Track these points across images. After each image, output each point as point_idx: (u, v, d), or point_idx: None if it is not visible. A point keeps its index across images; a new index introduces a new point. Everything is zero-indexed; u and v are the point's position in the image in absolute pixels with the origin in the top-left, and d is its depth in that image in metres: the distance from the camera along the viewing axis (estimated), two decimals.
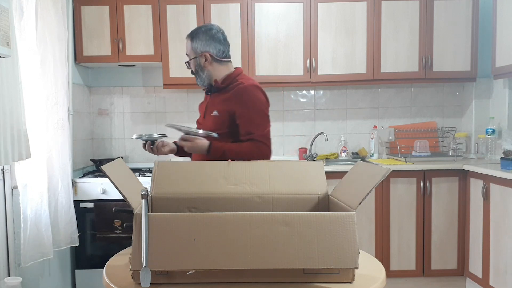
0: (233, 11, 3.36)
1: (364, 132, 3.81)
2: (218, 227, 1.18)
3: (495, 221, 2.87)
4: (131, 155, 3.78)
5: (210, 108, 2.07)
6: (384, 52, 3.41)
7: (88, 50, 3.35)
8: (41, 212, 2.51)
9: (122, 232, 3.01)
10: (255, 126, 1.98)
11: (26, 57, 2.39)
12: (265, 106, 2.04)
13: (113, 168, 1.32)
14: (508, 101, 3.41)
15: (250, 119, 1.98)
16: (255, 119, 1.99)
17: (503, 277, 2.80)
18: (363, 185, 1.29)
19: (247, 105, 1.98)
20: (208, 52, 2.05)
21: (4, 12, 1.86)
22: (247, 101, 1.98)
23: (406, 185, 3.21)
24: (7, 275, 2.40)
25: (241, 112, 1.97)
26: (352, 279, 1.23)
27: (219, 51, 2.07)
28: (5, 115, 2.06)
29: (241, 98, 1.98)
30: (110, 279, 1.28)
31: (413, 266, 3.25)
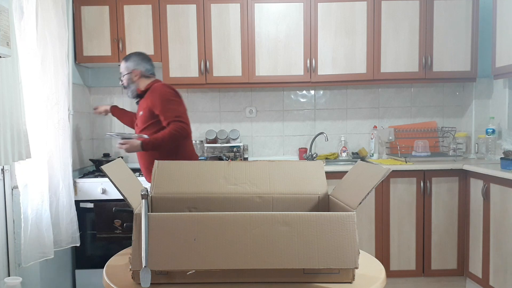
0: (233, 11, 3.36)
1: (364, 132, 3.81)
2: (218, 227, 1.18)
3: (495, 221, 2.87)
4: (131, 155, 3.77)
5: (138, 111, 2.72)
6: (384, 52, 3.42)
7: (88, 50, 3.35)
8: (42, 212, 2.51)
9: (122, 232, 3.01)
10: (168, 110, 2.54)
11: (26, 57, 2.39)
12: (172, 94, 2.60)
13: (113, 168, 1.32)
14: (508, 101, 3.41)
15: (163, 107, 2.55)
16: (166, 106, 2.55)
17: (503, 277, 2.80)
18: (363, 185, 1.29)
19: (158, 98, 2.57)
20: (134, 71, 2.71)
21: (4, 12, 1.86)
22: (157, 96, 2.58)
23: (406, 185, 3.21)
24: (7, 275, 2.40)
25: (155, 105, 2.57)
26: (352, 279, 1.23)
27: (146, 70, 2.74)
28: (5, 115, 2.06)
29: (153, 95, 2.60)
30: (110, 279, 1.29)
31: (413, 266, 3.25)
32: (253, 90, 3.77)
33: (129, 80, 2.72)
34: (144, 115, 2.63)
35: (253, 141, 3.80)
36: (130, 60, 2.74)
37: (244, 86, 3.47)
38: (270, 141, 3.82)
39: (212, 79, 3.38)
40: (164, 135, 2.49)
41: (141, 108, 2.68)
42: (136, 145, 2.49)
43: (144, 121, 2.63)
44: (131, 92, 2.75)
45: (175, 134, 2.49)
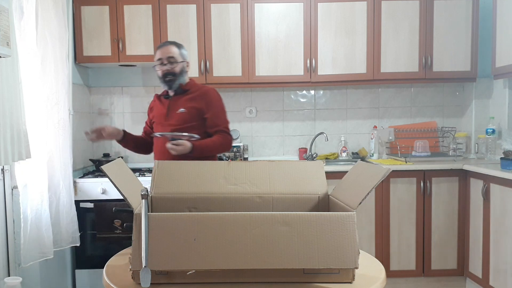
0: (233, 11, 3.36)
1: (364, 132, 3.81)
2: (218, 227, 1.18)
3: (495, 221, 2.87)
4: (131, 155, 3.77)
5: (173, 108, 2.43)
6: (384, 52, 3.41)
7: (88, 50, 3.35)
8: (41, 212, 2.51)
9: (122, 232, 3.01)
10: (220, 119, 2.44)
11: (26, 57, 2.39)
12: (223, 104, 2.49)
13: (113, 168, 1.32)
14: (508, 101, 3.41)
15: (215, 114, 2.42)
16: (219, 114, 2.44)
17: (503, 277, 2.80)
18: (363, 185, 1.29)
19: (212, 102, 2.42)
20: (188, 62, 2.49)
21: (4, 12, 1.86)
22: (212, 99, 2.43)
23: (406, 185, 3.21)
24: (7, 275, 2.40)
25: (208, 109, 2.40)
26: (352, 279, 1.23)
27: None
28: (5, 115, 2.06)
29: (207, 97, 2.42)
30: (110, 279, 1.29)
31: (413, 266, 3.25)
32: (253, 90, 3.77)
33: (182, 69, 2.43)
34: (188, 114, 2.39)
35: (253, 141, 3.80)
36: (183, 48, 2.48)
37: (244, 86, 3.47)
38: (270, 141, 3.82)
39: (212, 79, 3.38)
40: (215, 144, 2.36)
41: (181, 106, 2.41)
42: (187, 148, 2.25)
43: (185, 120, 2.39)
44: (176, 83, 2.42)
45: (224, 146, 2.39)
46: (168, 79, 2.40)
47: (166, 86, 2.43)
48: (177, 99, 2.44)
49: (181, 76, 2.42)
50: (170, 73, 2.39)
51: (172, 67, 2.39)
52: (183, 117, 2.39)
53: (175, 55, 2.41)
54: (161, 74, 2.41)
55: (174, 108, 2.42)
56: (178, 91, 2.45)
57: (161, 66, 2.40)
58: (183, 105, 2.41)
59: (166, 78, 2.40)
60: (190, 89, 2.45)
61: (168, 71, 2.39)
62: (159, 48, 2.44)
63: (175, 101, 2.45)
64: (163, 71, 2.40)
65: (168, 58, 2.39)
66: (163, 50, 2.41)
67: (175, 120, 2.40)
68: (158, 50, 2.45)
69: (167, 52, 2.40)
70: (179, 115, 2.40)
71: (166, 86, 2.43)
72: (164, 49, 2.41)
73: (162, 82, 2.43)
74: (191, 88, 2.46)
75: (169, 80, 2.40)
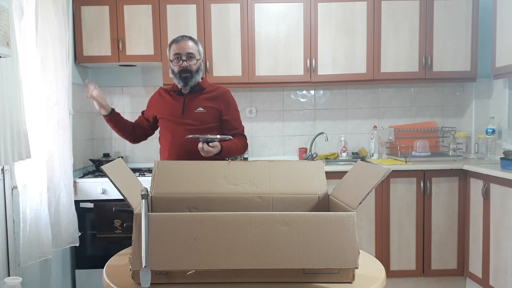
0: (233, 11, 3.36)
1: (364, 132, 3.81)
2: (218, 227, 1.18)
3: (495, 221, 2.87)
4: (131, 155, 3.78)
5: (190, 106, 2.32)
6: (384, 52, 3.41)
7: (88, 50, 3.35)
8: (40, 212, 2.51)
9: (122, 232, 3.01)
10: (238, 122, 2.40)
11: (26, 57, 2.39)
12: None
13: (113, 168, 1.32)
14: (508, 101, 3.41)
15: (234, 117, 2.38)
16: (237, 117, 2.41)
17: (503, 277, 2.80)
18: (363, 185, 1.29)
19: (230, 105, 2.37)
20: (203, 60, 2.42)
21: (4, 12, 1.86)
22: (230, 101, 2.38)
23: (406, 185, 3.21)
24: (7, 275, 2.40)
25: (227, 110, 2.35)
26: (352, 279, 1.23)
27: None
28: (5, 115, 2.06)
29: (226, 98, 2.37)
30: (110, 279, 1.28)
31: (413, 266, 3.25)
32: (253, 90, 3.77)
33: (199, 67, 2.33)
34: (207, 115, 2.30)
35: (253, 141, 3.80)
36: (199, 44, 2.37)
37: (244, 86, 3.47)
38: (270, 141, 3.82)
39: (212, 79, 3.37)
40: (237, 147, 2.30)
41: (199, 105, 2.31)
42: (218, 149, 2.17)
43: (204, 121, 2.30)
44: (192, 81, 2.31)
45: (244, 149, 2.35)
46: (185, 76, 2.28)
47: (181, 83, 2.31)
48: (193, 97, 2.33)
49: (197, 74, 2.32)
50: (187, 70, 2.28)
51: (191, 64, 2.28)
52: (201, 117, 2.30)
53: (194, 52, 2.30)
54: (177, 70, 2.29)
55: (190, 107, 2.31)
56: (195, 89, 2.34)
57: (178, 61, 2.28)
58: (201, 104, 2.31)
59: (183, 74, 2.28)
60: (206, 88, 2.36)
61: (186, 67, 2.27)
62: (177, 42, 2.30)
63: (191, 99, 2.33)
64: (181, 67, 2.27)
65: (187, 54, 2.27)
66: (181, 45, 2.29)
67: (192, 119, 2.30)
68: (175, 44, 2.31)
69: (187, 47, 2.28)
70: (197, 114, 2.29)
71: (181, 83, 2.31)
72: (183, 44, 2.29)
73: (177, 78, 2.30)
74: (207, 87, 2.37)
75: (185, 77, 2.28)
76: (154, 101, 2.48)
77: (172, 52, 2.30)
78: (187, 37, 2.33)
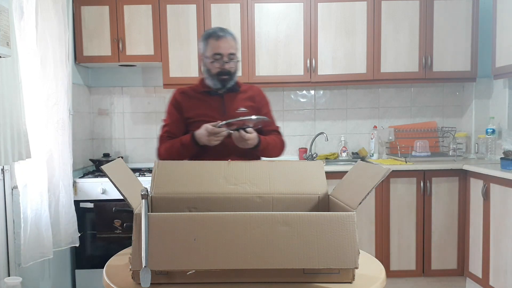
0: (233, 11, 3.36)
1: (364, 132, 3.81)
2: (218, 227, 1.18)
3: (495, 221, 2.87)
4: (131, 155, 3.78)
5: (230, 106, 2.09)
6: (384, 52, 3.41)
7: (88, 50, 3.35)
8: (41, 212, 2.51)
9: (122, 232, 3.01)
10: (274, 121, 2.23)
11: (26, 57, 2.39)
12: None
13: (113, 168, 1.32)
14: (508, 101, 3.41)
15: (271, 116, 2.19)
16: (272, 115, 2.22)
17: (503, 277, 2.80)
18: (363, 185, 1.29)
19: (267, 104, 2.22)
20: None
21: (4, 12, 1.86)
22: (266, 100, 2.23)
23: (406, 185, 3.21)
24: (7, 275, 2.40)
25: (265, 109, 2.18)
26: (352, 279, 1.23)
27: None
28: (5, 115, 2.06)
29: (262, 97, 2.21)
30: (110, 279, 1.28)
31: (413, 266, 3.25)
32: None
33: (237, 68, 2.12)
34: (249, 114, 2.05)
35: None
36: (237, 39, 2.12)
37: None
38: None
39: None
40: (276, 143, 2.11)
41: (240, 104, 2.09)
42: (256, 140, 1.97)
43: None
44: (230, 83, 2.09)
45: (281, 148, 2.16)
46: (223, 79, 2.05)
47: (219, 84, 2.07)
48: (232, 97, 2.11)
49: (235, 75, 2.10)
50: (228, 72, 2.04)
51: (232, 66, 2.05)
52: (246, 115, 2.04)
53: (236, 51, 2.06)
54: (215, 71, 2.04)
55: (231, 107, 2.09)
56: (234, 89, 2.11)
57: (219, 61, 2.03)
58: (242, 104, 2.09)
59: (222, 77, 2.04)
60: (241, 87, 2.16)
61: (226, 70, 2.04)
62: (217, 39, 2.03)
63: (230, 99, 2.10)
64: (221, 69, 2.03)
65: (229, 56, 2.03)
66: (223, 43, 2.03)
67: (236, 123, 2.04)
68: (214, 40, 2.03)
69: (229, 46, 2.03)
70: (240, 115, 2.03)
71: (219, 84, 2.07)
72: (224, 42, 2.03)
73: (214, 79, 2.06)
74: (241, 85, 2.17)
75: (224, 80, 2.05)
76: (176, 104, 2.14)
77: (211, 50, 2.04)
78: (228, 33, 2.06)
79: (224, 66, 2.03)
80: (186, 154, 2.02)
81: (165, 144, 2.08)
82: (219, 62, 2.02)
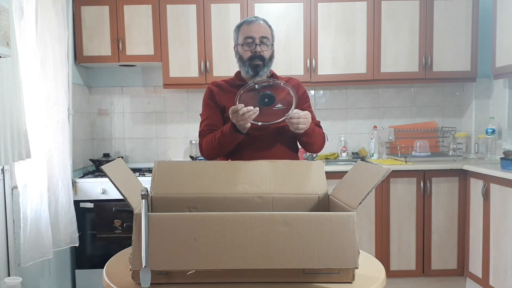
0: (233, 11, 3.36)
1: (364, 132, 3.81)
2: (218, 227, 1.18)
3: (495, 221, 2.87)
4: (131, 155, 3.78)
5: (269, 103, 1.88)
6: (384, 52, 3.41)
7: (88, 50, 3.35)
8: (41, 212, 2.51)
9: (122, 232, 3.01)
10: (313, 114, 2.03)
11: (26, 57, 2.39)
12: None
13: (113, 168, 1.32)
14: (508, 101, 3.41)
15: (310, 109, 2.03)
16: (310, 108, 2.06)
17: (503, 277, 2.80)
18: (363, 185, 1.29)
19: (306, 98, 2.07)
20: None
21: (4, 12, 1.86)
22: (306, 93, 2.08)
23: (406, 185, 3.21)
24: (7, 275, 2.40)
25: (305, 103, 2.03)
26: (352, 279, 1.23)
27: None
28: (5, 115, 2.06)
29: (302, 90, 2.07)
30: (110, 279, 1.28)
31: (413, 266, 3.25)
32: None
33: (272, 55, 1.99)
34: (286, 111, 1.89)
35: None
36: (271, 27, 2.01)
37: None
38: None
39: (212, 79, 3.36)
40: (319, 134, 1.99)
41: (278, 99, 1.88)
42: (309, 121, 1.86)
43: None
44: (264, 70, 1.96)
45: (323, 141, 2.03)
46: (256, 64, 1.93)
47: (251, 72, 1.95)
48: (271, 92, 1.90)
49: (270, 63, 1.98)
50: (260, 57, 1.93)
51: (264, 50, 1.94)
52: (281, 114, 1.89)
53: (269, 36, 1.96)
54: (247, 56, 1.94)
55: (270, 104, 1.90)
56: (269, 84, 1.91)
57: (250, 46, 1.94)
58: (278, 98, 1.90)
59: (254, 62, 1.93)
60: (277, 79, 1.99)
61: (259, 53, 1.93)
62: (248, 23, 1.97)
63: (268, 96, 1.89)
64: (253, 53, 1.93)
65: (260, 38, 1.93)
66: (254, 27, 1.95)
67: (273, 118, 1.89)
68: (246, 25, 1.97)
69: (261, 30, 1.95)
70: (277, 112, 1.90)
71: (251, 72, 1.95)
72: (256, 26, 1.95)
73: (247, 66, 1.95)
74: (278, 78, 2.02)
75: (257, 66, 1.93)
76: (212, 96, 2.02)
77: (242, 35, 1.96)
78: (261, 19, 2.00)
79: (256, 49, 1.92)
80: (228, 145, 1.89)
81: (206, 138, 1.96)
82: (251, 46, 1.93)
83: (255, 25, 1.95)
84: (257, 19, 1.98)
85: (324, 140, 2.04)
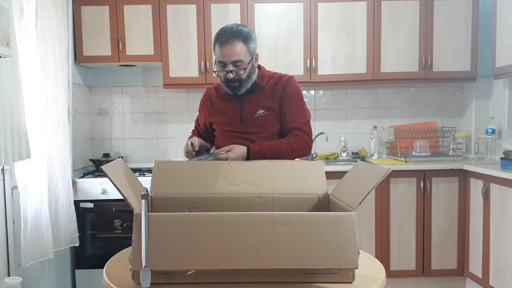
0: (233, 11, 3.36)
1: (364, 132, 3.81)
2: (218, 227, 1.18)
3: (495, 221, 2.87)
4: (131, 155, 3.78)
5: (249, 110, 1.92)
6: (384, 52, 3.41)
7: (88, 50, 3.35)
8: (41, 212, 2.51)
9: (122, 232, 3.01)
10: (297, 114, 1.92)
11: (26, 57, 2.39)
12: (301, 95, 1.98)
13: (113, 168, 1.32)
14: (508, 101, 3.41)
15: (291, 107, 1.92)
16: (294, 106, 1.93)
17: (503, 277, 2.80)
18: (363, 185, 1.29)
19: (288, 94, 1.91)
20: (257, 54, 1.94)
21: (4, 12, 1.86)
22: (288, 90, 1.91)
23: (406, 185, 3.21)
24: (7, 275, 2.40)
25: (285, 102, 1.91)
26: (352, 279, 1.23)
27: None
28: (5, 115, 2.06)
29: (284, 88, 1.92)
30: (110, 279, 1.28)
31: (413, 266, 3.25)
32: None
33: (251, 72, 1.88)
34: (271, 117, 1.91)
35: None
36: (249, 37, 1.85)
37: None
38: None
39: (212, 79, 3.37)
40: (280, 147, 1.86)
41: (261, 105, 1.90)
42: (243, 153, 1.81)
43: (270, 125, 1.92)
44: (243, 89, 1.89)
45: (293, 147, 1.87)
46: (232, 86, 1.87)
47: (229, 91, 1.91)
48: (252, 98, 1.91)
49: (249, 79, 1.88)
50: (235, 79, 1.85)
51: (239, 74, 1.84)
52: (263, 121, 1.89)
53: (242, 57, 1.82)
54: (223, 78, 1.89)
55: (250, 111, 1.92)
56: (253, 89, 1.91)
57: (223, 70, 1.85)
58: (261, 105, 1.90)
59: (230, 84, 1.87)
60: (265, 84, 1.94)
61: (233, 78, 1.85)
62: (221, 45, 1.81)
63: (249, 101, 1.92)
64: (226, 78, 1.87)
65: (234, 63, 1.82)
66: (226, 50, 1.81)
67: (254, 126, 1.90)
68: (218, 47, 1.83)
69: (234, 53, 1.81)
70: (257, 119, 1.89)
71: (229, 91, 1.91)
72: (228, 49, 1.81)
73: (225, 87, 1.91)
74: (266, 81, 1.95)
75: (234, 87, 1.88)
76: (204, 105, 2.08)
77: (216, 55, 1.87)
78: (234, 35, 1.81)
79: (227, 76, 1.84)
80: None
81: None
82: (223, 72, 1.85)
83: (226, 49, 1.81)
84: (228, 40, 1.80)
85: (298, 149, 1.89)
